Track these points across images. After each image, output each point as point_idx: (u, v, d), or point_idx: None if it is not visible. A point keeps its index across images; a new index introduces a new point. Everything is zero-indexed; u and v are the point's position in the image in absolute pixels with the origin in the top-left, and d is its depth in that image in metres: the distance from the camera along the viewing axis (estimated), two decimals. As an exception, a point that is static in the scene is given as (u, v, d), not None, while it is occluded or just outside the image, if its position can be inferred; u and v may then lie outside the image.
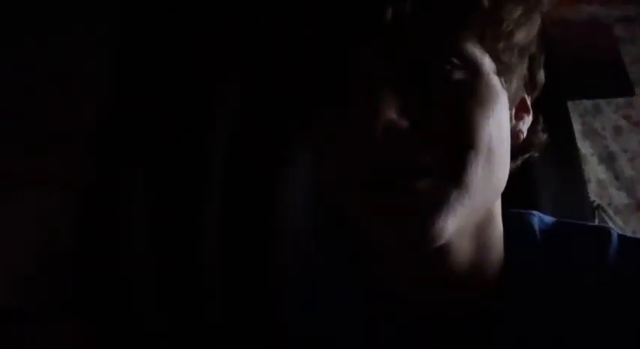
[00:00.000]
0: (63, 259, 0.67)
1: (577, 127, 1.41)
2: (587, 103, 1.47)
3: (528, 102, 0.43)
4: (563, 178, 0.87)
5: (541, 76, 0.43)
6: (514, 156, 0.42)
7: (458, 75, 0.34)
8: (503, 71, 0.37)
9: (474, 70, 0.35)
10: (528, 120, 0.43)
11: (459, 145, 0.34)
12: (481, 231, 0.39)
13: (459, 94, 0.34)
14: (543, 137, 0.45)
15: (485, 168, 0.34)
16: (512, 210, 0.44)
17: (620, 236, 0.42)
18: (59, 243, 0.68)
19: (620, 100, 1.52)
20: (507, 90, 0.38)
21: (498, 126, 0.35)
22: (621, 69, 1.43)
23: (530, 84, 0.43)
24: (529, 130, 0.44)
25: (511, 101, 0.39)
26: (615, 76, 1.42)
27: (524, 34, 0.37)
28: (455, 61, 0.34)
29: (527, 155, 0.45)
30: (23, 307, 0.66)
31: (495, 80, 0.36)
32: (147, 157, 0.67)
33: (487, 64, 0.35)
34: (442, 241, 0.34)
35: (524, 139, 0.43)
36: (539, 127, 0.45)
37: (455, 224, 0.34)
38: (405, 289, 0.41)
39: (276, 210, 0.67)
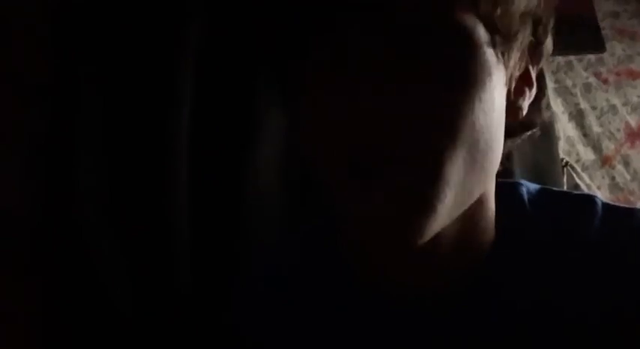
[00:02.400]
0: (19, 221, 0.63)
1: (550, 85, 1.41)
2: (560, 60, 1.47)
3: (533, 73, 0.38)
4: (535, 137, 0.86)
5: (549, 43, 0.38)
6: (513, 133, 0.38)
7: (447, 51, 0.30)
8: (500, 42, 0.32)
9: (466, 45, 0.31)
10: (530, 94, 0.37)
11: (440, 138, 0.30)
12: (470, 214, 0.36)
13: (446, 76, 0.30)
14: (547, 114, 0.40)
15: (467, 160, 0.31)
16: (499, 180, 0.41)
17: (604, 204, 0.40)
18: (13, 205, 0.63)
19: (592, 57, 1.52)
20: (505, 63, 0.33)
21: (486, 110, 0.31)
22: (594, 25, 1.43)
23: (535, 52, 0.37)
24: (532, 106, 0.38)
25: (509, 75, 0.34)
26: (589, 32, 1.41)
27: None
28: (445, 33, 0.30)
29: (528, 133, 0.40)
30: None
31: (489, 54, 0.32)
32: (107, 117, 0.62)
33: (481, 35, 0.31)
34: (423, 240, 0.31)
35: (525, 115, 0.37)
36: (544, 103, 0.39)
37: (436, 222, 0.31)
38: (385, 276, 0.39)
39: (246, 191, 0.63)
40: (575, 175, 1.41)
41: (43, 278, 0.61)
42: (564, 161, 1.38)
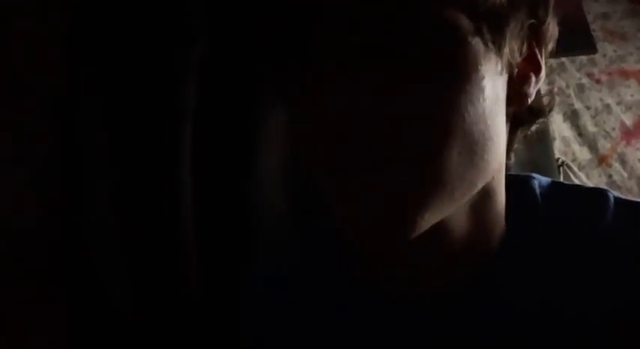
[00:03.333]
0: (32, 235, 0.64)
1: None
2: (552, 62, 1.49)
3: (540, 57, 0.36)
4: (529, 137, 0.87)
5: (552, 22, 0.36)
6: (523, 122, 0.37)
7: (431, 48, 0.30)
8: (487, 30, 0.31)
9: (446, 39, 0.30)
10: (538, 79, 0.36)
11: (432, 135, 0.31)
12: (479, 208, 0.36)
13: (433, 73, 0.30)
14: (556, 100, 0.40)
15: (463, 153, 0.31)
16: (510, 174, 0.39)
17: (616, 198, 0.39)
18: (26, 219, 0.65)
19: (583, 58, 1.55)
20: (497, 51, 0.32)
21: (474, 101, 0.31)
22: (584, 26, 1.45)
23: (539, 34, 0.35)
24: (540, 91, 0.37)
25: (506, 62, 0.33)
26: (579, 33, 1.43)
27: None
28: (427, 31, 0.30)
29: (540, 120, 0.39)
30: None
31: (476, 43, 0.31)
32: (112, 126, 0.63)
33: (464, 26, 0.30)
34: (415, 234, 0.32)
35: (535, 101, 0.36)
36: (554, 87, 0.40)
37: (430, 216, 0.32)
38: (386, 276, 0.39)
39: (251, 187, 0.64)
40: (571, 174, 1.43)
41: (65, 286, 0.62)
42: (560, 160, 1.40)
